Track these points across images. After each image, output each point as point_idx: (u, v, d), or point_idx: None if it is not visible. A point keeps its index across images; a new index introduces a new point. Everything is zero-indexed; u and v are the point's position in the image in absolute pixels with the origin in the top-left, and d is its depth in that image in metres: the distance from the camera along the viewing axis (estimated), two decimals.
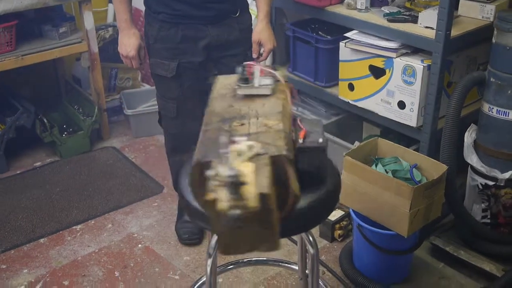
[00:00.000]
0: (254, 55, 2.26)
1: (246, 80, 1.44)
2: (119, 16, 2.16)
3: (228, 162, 1.10)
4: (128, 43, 2.15)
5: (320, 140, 1.35)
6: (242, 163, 1.10)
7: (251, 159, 1.12)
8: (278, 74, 1.46)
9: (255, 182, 1.05)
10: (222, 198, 1.03)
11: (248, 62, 1.49)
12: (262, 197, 1.04)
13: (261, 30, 2.22)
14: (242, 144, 1.16)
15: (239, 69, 1.47)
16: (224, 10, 2.11)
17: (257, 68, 1.46)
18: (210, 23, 2.10)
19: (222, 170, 1.06)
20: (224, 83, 1.53)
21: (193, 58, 2.12)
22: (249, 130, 1.29)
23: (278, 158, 1.16)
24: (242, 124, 1.32)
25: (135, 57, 2.17)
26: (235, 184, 1.04)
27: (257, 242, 1.11)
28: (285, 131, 1.27)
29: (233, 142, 1.19)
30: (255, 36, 2.22)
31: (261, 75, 1.45)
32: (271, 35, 2.24)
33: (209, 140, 1.25)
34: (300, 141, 1.35)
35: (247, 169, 1.07)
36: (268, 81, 1.43)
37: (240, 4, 2.17)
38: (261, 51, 2.26)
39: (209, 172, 1.07)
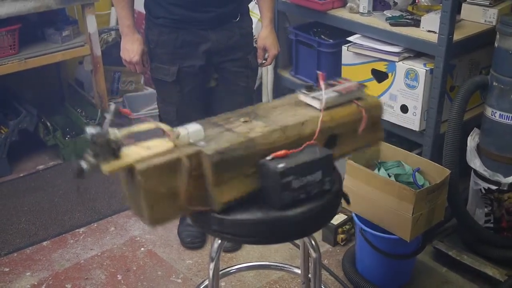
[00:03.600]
0: (259, 60, 2.29)
1: (310, 88, 1.48)
2: (122, 22, 2.16)
3: None
4: (132, 49, 2.15)
5: None
6: None
7: None
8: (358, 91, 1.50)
9: None
10: None
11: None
12: None
13: (266, 36, 2.25)
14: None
15: None
16: (224, 14, 2.11)
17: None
18: (210, 28, 2.10)
19: None
20: None
21: (193, 62, 2.12)
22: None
23: None
24: (245, 121, 1.37)
25: (138, 62, 2.17)
26: None
27: None
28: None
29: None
30: (260, 42, 2.26)
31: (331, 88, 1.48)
32: (276, 40, 2.28)
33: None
34: None
35: None
36: (333, 95, 1.45)
37: (240, 9, 2.17)
38: (266, 56, 2.29)
39: None
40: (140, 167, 1.18)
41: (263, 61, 2.31)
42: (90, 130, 1.14)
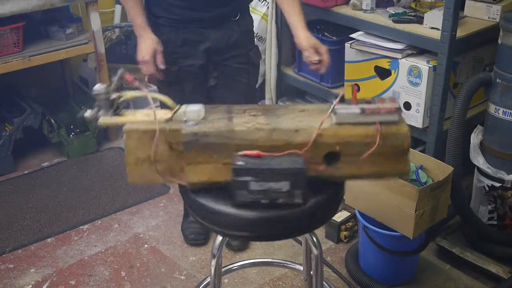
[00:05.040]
0: (315, 59, 1.99)
1: (342, 99, 1.42)
2: (134, 22, 2.10)
3: None
4: (144, 47, 2.06)
5: None
6: None
7: None
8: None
9: None
10: None
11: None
12: None
13: (308, 37, 2.01)
14: None
15: None
16: (224, 13, 2.10)
17: None
18: (210, 27, 2.09)
19: None
20: None
21: (193, 61, 2.11)
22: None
23: None
24: (253, 115, 1.41)
25: (148, 62, 2.05)
26: None
27: None
28: None
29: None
30: (304, 43, 2.00)
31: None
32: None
33: None
34: None
35: None
36: (353, 111, 1.39)
37: (240, 8, 2.17)
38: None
39: None
40: (126, 127, 1.36)
41: (317, 61, 1.99)
42: (99, 87, 1.36)
